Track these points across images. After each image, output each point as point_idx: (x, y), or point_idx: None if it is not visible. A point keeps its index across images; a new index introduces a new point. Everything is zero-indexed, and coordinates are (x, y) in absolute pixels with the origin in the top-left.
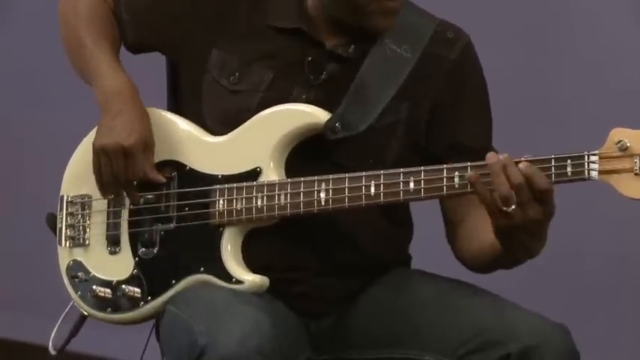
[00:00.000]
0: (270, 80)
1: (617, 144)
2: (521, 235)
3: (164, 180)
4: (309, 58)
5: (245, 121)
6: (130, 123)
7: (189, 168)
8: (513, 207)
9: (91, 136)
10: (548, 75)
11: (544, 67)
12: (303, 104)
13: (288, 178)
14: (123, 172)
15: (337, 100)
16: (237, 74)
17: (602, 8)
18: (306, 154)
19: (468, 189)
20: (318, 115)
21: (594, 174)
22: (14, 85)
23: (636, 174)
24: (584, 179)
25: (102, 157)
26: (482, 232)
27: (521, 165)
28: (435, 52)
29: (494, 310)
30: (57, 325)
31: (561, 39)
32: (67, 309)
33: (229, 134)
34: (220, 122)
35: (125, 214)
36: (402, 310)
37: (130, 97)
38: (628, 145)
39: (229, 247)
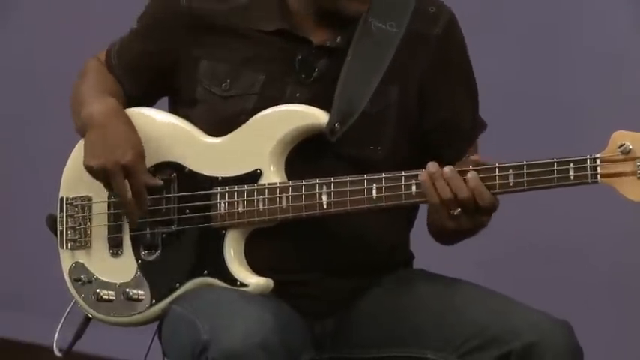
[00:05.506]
0: (262, 82)
1: (619, 147)
2: (465, 232)
3: (162, 183)
4: (299, 57)
5: (242, 123)
6: (121, 137)
7: (189, 170)
8: (459, 210)
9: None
10: (552, 75)
11: (547, 67)
12: (301, 105)
13: (287, 175)
14: (126, 192)
15: (333, 96)
16: (228, 81)
17: (607, 9)
18: (304, 149)
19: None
20: (318, 116)
21: (597, 178)
22: (14, 85)
23: (639, 177)
24: (586, 183)
25: (100, 178)
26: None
27: (469, 176)
28: (419, 29)
29: (496, 308)
30: (59, 325)
31: (566, 39)
32: (69, 309)
33: (228, 135)
34: (218, 130)
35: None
36: (405, 309)
37: (113, 112)
38: (630, 148)
39: (232, 249)
